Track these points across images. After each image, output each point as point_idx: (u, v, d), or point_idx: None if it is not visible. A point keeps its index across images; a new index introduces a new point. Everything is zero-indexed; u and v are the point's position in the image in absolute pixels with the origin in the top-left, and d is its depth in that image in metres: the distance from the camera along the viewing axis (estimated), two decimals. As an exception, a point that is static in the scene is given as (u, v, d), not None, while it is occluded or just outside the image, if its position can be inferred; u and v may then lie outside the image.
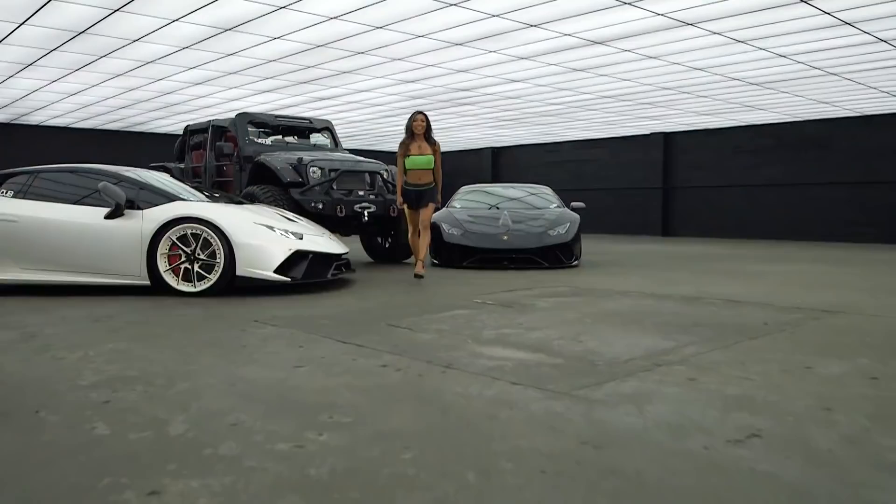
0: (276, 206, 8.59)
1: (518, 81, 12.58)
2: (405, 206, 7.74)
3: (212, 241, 6.23)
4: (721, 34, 9.21)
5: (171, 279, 6.27)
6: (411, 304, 5.81)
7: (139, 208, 6.42)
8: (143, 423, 2.51)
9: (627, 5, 7.99)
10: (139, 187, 6.61)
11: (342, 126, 18.51)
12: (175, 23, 8.53)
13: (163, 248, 6.27)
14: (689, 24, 8.69)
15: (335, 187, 9.04)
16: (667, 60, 10.73)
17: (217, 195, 7.84)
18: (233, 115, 10.50)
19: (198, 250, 6.26)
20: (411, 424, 2.52)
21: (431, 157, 7.53)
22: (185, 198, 6.69)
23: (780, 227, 17.90)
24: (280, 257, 6.34)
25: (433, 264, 9.42)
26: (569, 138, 22.24)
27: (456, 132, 20.48)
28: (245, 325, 4.71)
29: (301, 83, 12.64)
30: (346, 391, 2.98)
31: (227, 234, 6.22)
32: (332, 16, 8.34)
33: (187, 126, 11.44)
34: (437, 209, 7.96)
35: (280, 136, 10.75)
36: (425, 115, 7.64)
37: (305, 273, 6.49)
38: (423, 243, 7.70)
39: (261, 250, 6.30)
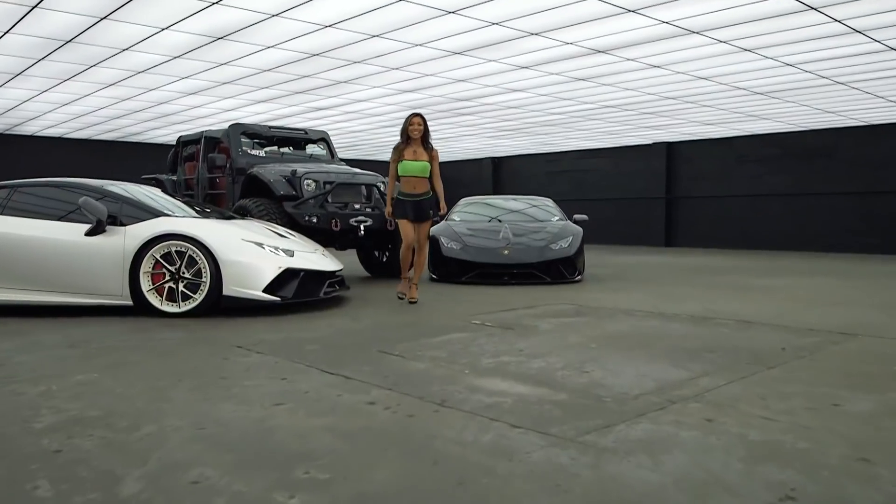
0: (268, 220, 8.33)
1: (519, 91, 12.33)
2: (397, 219, 6.83)
3: (197, 258, 5.95)
4: (728, 42, 8.95)
5: (154, 299, 5.98)
6: (406, 325, 5.52)
7: (122, 224, 6.14)
8: (94, 479, 2.22)
9: (632, 13, 7.73)
10: (122, 202, 6.32)
11: (341, 136, 18.26)
12: (165, 31, 8.28)
13: (146, 266, 5.99)
14: (695, 32, 8.43)
15: (330, 200, 8.76)
16: (671, 69, 10.47)
17: (208, 210, 7.57)
18: (227, 125, 10.25)
19: (182, 268, 5.98)
20: (397, 481, 2.23)
21: (427, 164, 6.68)
22: (170, 213, 6.40)
23: (785, 238, 17.60)
24: (269, 276, 6.05)
25: (431, 279, 9.13)
26: (570, 148, 21.99)
27: (455, 142, 20.24)
28: (227, 351, 4.42)
29: (297, 93, 12.39)
30: (328, 436, 2.68)
31: (213, 252, 5.93)
32: (326, 24, 8.09)
33: (180, 137, 11.17)
34: (437, 221, 7.05)
35: (276, 147, 10.49)
36: (423, 118, 6.75)
37: (296, 292, 6.20)
38: (419, 262, 6.85)
39: (249, 268, 6.01)
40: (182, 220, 6.26)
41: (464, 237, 9.26)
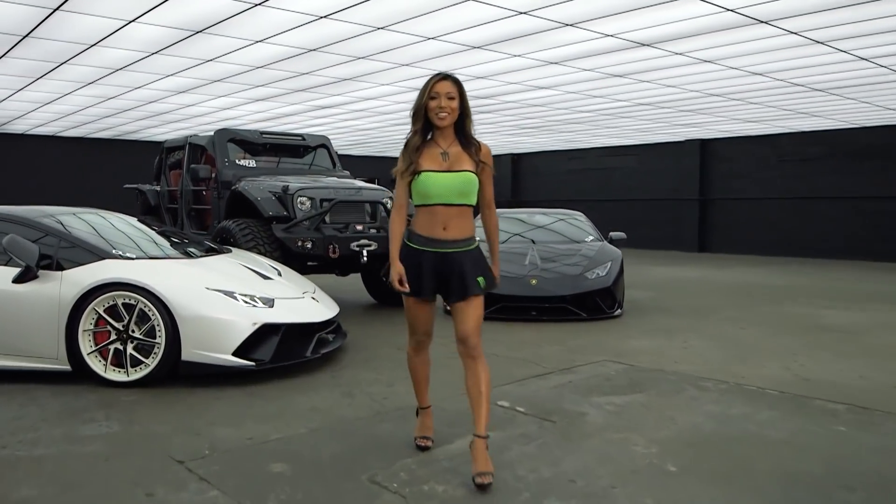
0: (254, 245, 7.08)
1: (545, 88, 10.96)
2: (403, 287, 3.21)
3: (150, 313, 4.70)
4: (799, 34, 7.55)
5: (96, 364, 4.73)
6: (410, 410, 4.23)
7: (59, 268, 4.90)
8: None
9: (693, 0, 6.36)
10: (60, 238, 5.07)
11: (349, 134, 16.99)
12: (132, 24, 7.01)
13: (86, 322, 4.75)
14: (763, 21, 7.03)
15: (328, 221, 7.47)
16: (724, 65, 9.06)
17: (180, 241, 6.31)
18: (218, 127, 9.01)
19: (132, 326, 4.73)
20: None
21: (471, 178, 3.19)
22: (119, 253, 5.13)
23: (833, 246, 16.12)
24: (241, 335, 4.77)
25: (445, 311, 7.80)
26: (594, 145, 20.55)
27: (473, 139, 18.87)
28: (159, 475, 3.15)
29: (296, 91, 11.11)
30: None
31: (168, 305, 4.68)
32: (321, 14, 6.78)
33: (164, 142, 9.95)
34: (479, 292, 3.27)
35: (274, 156, 9.19)
36: (457, 84, 3.22)
37: (276, 354, 4.92)
38: (478, 396, 3.21)
39: (215, 326, 4.74)
40: (131, 264, 4.99)
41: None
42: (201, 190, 8.84)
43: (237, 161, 8.49)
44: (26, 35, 7.49)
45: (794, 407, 4.29)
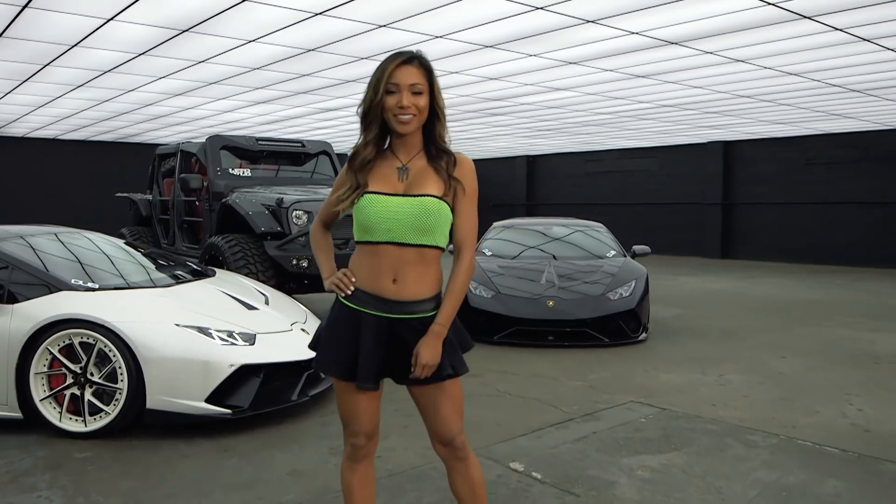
0: (244, 264, 6.48)
1: (562, 90, 10.28)
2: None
3: (110, 354, 4.09)
4: (844, 30, 6.83)
5: (50, 412, 4.14)
6: (406, 475, 3.58)
7: (12, 300, 4.31)
8: None
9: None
10: (11, 266, 4.47)
11: (357, 137, 16.36)
12: (110, 23, 6.42)
13: (39, 364, 4.15)
14: (806, 17, 6.32)
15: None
16: (757, 64, 8.34)
17: (166, 262, 5.71)
18: (227, 128, 8.43)
19: (90, 368, 4.13)
20: None
21: (438, 206, 2.20)
22: (77, 284, 4.50)
23: (862, 253, 15.31)
24: (216, 378, 4.15)
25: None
26: (613, 147, 19.81)
27: (485, 142, 18.21)
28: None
29: (299, 93, 10.50)
30: None
31: (131, 345, 4.07)
32: (316, 11, 6.14)
33: (157, 150, 9.38)
34: (453, 373, 2.25)
35: (272, 163, 8.59)
36: (424, 67, 2.20)
37: (257, 398, 4.28)
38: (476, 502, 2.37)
39: (185, 369, 4.12)
40: (90, 297, 4.37)
41: (495, 280, 7.25)
42: (193, 201, 8.26)
43: (231, 170, 7.89)
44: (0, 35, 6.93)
45: (863, 473, 3.61)
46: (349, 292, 2.23)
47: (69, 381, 4.14)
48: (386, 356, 2.22)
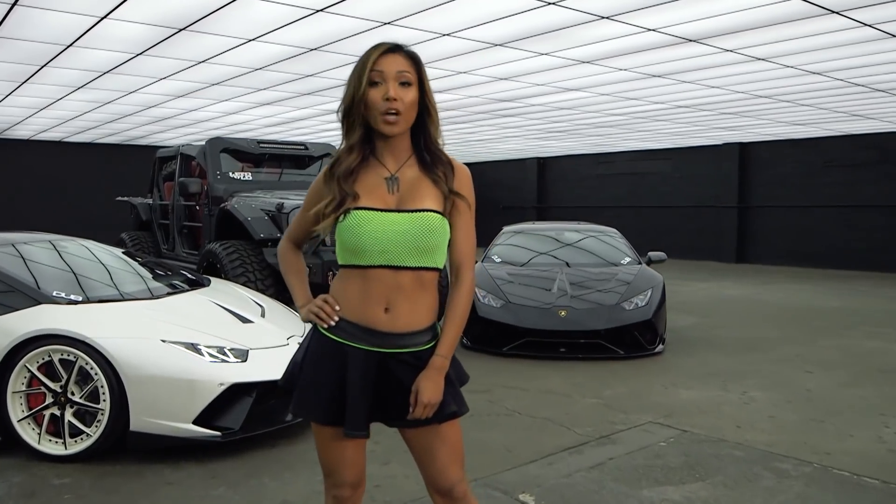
0: (242, 272, 6.21)
1: (574, 90, 9.96)
2: (329, 314, 1.94)
3: (92, 373, 3.82)
4: (873, 26, 6.48)
5: (28, 433, 3.87)
6: (408, 497, 3.30)
7: (-8, 313, 4.06)
8: None
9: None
10: (-9, 279, 4.22)
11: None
12: (104, 22, 6.16)
13: (17, 382, 3.89)
14: (834, 11, 5.98)
15: (328, 243, 6.56)
16: (778, 63, 8.00)
17: (168, 273, 5.45)
18: (232, 130, 8.19)
19: (71, 387, 3.86)
20: None
21: (438, 222, 1.91)
22: (62, 295, 4.24)
23: (882, 258, 14.86)
24: (204, 398, 3.86)
25: (463, 345, 6.85)
26: (625, 149, 19.45)
27: (494, 144, 17.90)
28: None
29: (303, 94, 10.24)
30: None
31: (113, 363, 3.79)
32: (317, 8, 5.86)
33: (157, 152, 9.15)
34: (457, 410, 1.94)
35: (275, 167, 8.33)
36: (413, 58, 1.92)
37: (248, 419, 4.00)
38: None
39: (171, 388, 3.84)
40: (71, 311, 4.10)
41: (504, 288, 6.94)
42: (193, 205, 8.01)
43: (231, 174, 7.64)
44: (-9, 34, 6.70)
45: (908, 509, 3.28)
46: (332, 323, 1.92)
47: (49, 400, 3.87)
48: (374, 398, 1.90)
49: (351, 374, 1.88)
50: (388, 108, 1.85)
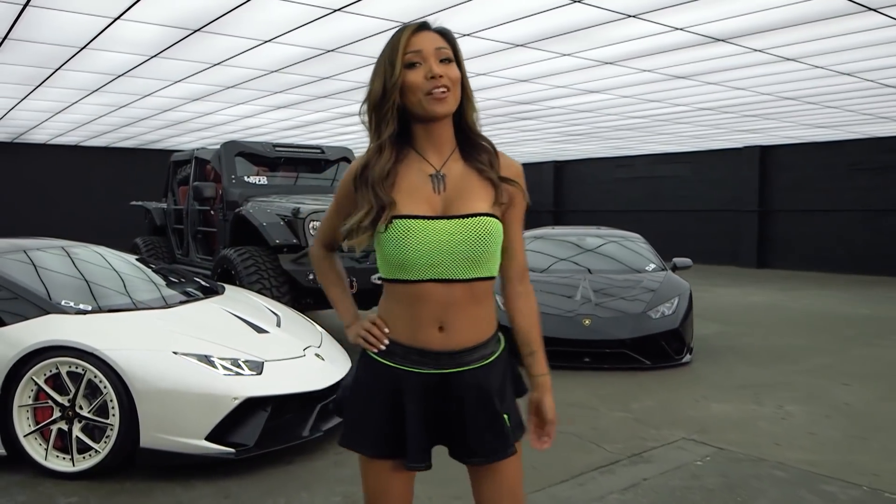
0: (257, 279, 6.05)
1: (595, 92, 9.75)
2: (380, 339, 1.73)
3: (101, 386, 3.66)
4: (911, 24, 6.23)
5: (35, 449, 3.73)
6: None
7: (2, 323, 3.92)
8: None
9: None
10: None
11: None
12: (117, 23, 6.04)
13: (23, 395, 3.74)
14: (871, 9, 5.74)
15: (345, 249, 6.35)
16: (808, 63, 7.75)
17: (183, 280, 5.31)
18: (248, 133, 8.06)
19: (79, 401, 3.71)
20: None
21: (493, 226, 1.68)
22: (71, 304, 4.10)
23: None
24: (217, 414, 3.70)
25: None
26: (644, 152, 19.18)
27: (513, 147, 17.68)
28: None
29: (320, 97, 10.10)
30: None
31: (123, 376, 3.64)
32: (334, 7, 5.70)
33: (172, 156, 9.04)
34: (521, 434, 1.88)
35: (291, 171, 8.17)
36: (448, 36, 1.71)
37: (263, 435, 3.82)
38: None
39: (183, 403, 3.68)
40: (80, 321, 3.96)
41: (527, 296, 6.74)
42: (207, 210, 7.87)
43: (246, 178, 7.49)
44: (5, 37, 6.59)
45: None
46: (382, 347, 1.73)
47: (56, 414, 3.73)
48: (434, 426, 1.71)
49: (409, 404, 1.69)
50: (434, 86, 1.62)
